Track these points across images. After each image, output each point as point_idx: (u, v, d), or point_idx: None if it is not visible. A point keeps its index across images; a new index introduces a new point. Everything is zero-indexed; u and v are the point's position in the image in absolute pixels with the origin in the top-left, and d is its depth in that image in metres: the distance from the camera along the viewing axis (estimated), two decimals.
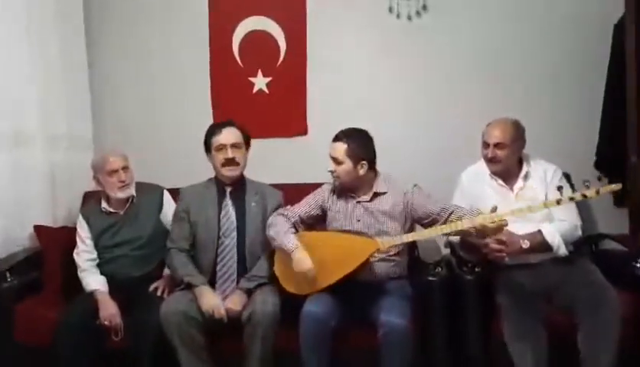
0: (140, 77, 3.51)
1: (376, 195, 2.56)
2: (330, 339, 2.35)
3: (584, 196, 2.22)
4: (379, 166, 2.61)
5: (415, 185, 2.58)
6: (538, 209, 2.33)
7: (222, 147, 2.63)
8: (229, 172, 2.65)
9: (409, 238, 2.48)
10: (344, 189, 2.59)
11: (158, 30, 3.48)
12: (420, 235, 2.49)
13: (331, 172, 2.55)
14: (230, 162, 2.64)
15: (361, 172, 2.52)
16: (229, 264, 2.61)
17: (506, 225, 2.28)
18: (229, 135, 2.65)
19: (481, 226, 2.27)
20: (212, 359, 2.46)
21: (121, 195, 2.77)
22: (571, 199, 2.27)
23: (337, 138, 2.54)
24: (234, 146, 2.64)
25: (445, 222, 2.45)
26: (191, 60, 3.47)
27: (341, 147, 2.50)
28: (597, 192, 2.21)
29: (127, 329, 2.51)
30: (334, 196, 2.63)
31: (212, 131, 2.69)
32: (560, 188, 2.34)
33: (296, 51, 3.40)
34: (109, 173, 2.74)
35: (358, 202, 2.57)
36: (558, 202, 2.27)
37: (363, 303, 2.43)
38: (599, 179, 2.23)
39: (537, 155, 2.70)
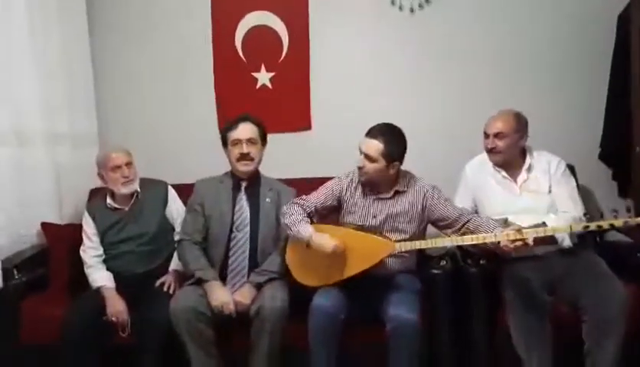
0: (144, 73, 3.51)
1: (397, 193, 2.52)
2: (339, 332, 2.35)
3: (612, 225, 2.21)
4: None
5: (434, 186, 2.54)
6: (564, 230, 2.32)
7: (237, 142, 2.64)
8: (243, 167, 2.66)
9: (427, 244, 2.40)
10: (367, 184, 2.55)
11: (161, 27, 3.47)
12: (438, 242, 2.41)
13: (360, 168, 2.49)
14: (245, 157, 2.64)
15: (391, 172, 2.47)
16: (240, 259, 2.62)
17: (529, 244, 2.25)
18: (244, 130, 2.66)
19: (504, 244, 2.26)
20: (220, 354, 2.47)
21: (124, 190, 2.77)
22: (599, 227, 2.25)
23: (373, 135, 2.44)
24: (250, 141, 2.65)
25: (460, 229, 2.42)
26: (194, 56, 3.46)
27: (377, 146, 2.41)
28: (625, 223, 2.19)
29: (134, 325, 2.52)
30: (353, 188, 2.58)
31: (229, 126, 2.70)
32: (586, 214, 2.35)
33: (299, 46, 3.40)
34: (112, 169, 2.74)
35: (378, 198, 2.53)
36: (585, 228, 2.27)
37: (372, 297, 2.43)
38: (628, 210, 2.23)
39: (541, 147, 2.70)
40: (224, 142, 2.71)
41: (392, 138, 2.44)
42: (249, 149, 2.64)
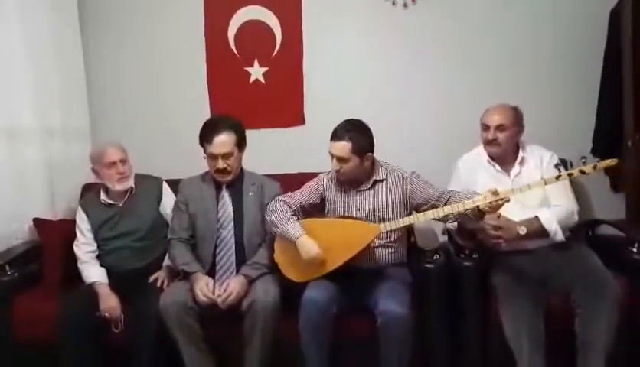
0: (136, 68, 3.49)
1: (375, 182, 2.55)
2: (331, 325, 2.36)
3: (582, 171, 2.24)
4: (377, 152, 2.58)
5: (413, 172, 2.57)
6: (538, 185, 2.31)
7: (214, 157, 2.60)
8: (220, 178, 2.65)
9: (410, 220, 2.45)
10: (346, 182, 2.58)
11: (154, 21, 3.46)
12: (420, 216, 2.43)
13: (337, 170, 2.51)
14: (221, 171, 2.62)
15: (367, 164, 2.51)
16: (227, 255, 2.62)
17: (508, 200, 2.27)
18: (219, 146, 2.58)
19: (483, 207, 2.27)
20: (211, 349, 2.48)
21: (119, 187, 2.76)
22: (569, 175, 2.28)
23: (339, 137, 2.46)
24: (225, 157, 2.60)
25: None
26: (187, 51, 3.45)
27: (346, 146, 2.44)
28: (594, 167, 2.23)
29: (127, 321, 2.52)
30: (334, 185, 2.61)
31: (204, 135, 2.62)
32: (557, 165, 2.38)
33: (292, 41, 3.39)
34: (107, 165, 2.73)
35: (359, 191, 2.56)
36: (557, 178, 2.28)
37: (363, 290, 2.44)
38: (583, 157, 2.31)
39: (533, 141, 2.71)
40: (202, 146, 2.65)
41: (357, 133, 2.47)
42: (225, 164, 2.60)
